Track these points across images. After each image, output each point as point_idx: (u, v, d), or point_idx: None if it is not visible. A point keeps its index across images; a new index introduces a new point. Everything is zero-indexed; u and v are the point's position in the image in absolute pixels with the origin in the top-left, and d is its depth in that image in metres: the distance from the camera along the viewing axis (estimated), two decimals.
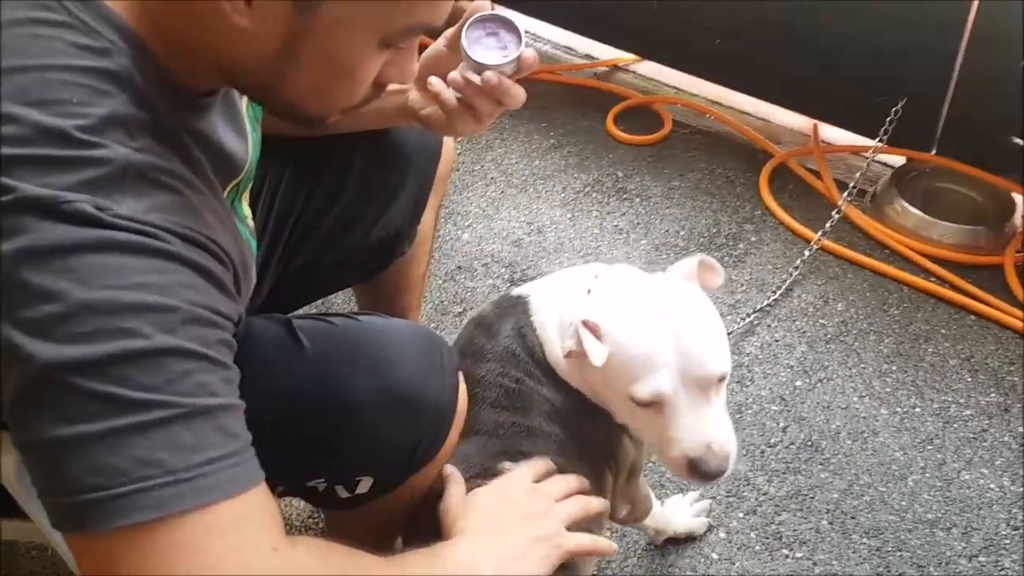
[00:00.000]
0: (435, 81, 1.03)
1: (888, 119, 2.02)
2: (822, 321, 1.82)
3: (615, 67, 2.62)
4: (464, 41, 0.99)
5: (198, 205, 0.74)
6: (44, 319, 0.64)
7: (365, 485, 0.97)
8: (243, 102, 0.94)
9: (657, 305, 1.01)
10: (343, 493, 0.98)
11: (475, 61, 0.99)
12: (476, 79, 1.00)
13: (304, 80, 0.76)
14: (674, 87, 2.53)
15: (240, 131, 0.91)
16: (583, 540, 1.00)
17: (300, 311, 1.27)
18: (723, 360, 1.01)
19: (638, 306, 1.02)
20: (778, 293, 1.85)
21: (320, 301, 1.45)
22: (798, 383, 1.70)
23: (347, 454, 0.94)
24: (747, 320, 1.80)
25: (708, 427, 1.00)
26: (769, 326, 1.81)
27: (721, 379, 1.00)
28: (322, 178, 1.19)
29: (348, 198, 1.19)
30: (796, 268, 1.89)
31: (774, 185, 2.16)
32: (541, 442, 1.08)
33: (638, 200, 2.14)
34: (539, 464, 1.04)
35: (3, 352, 0.66)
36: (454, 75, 1.01)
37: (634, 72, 2.60)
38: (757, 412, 1.65)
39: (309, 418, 0.93)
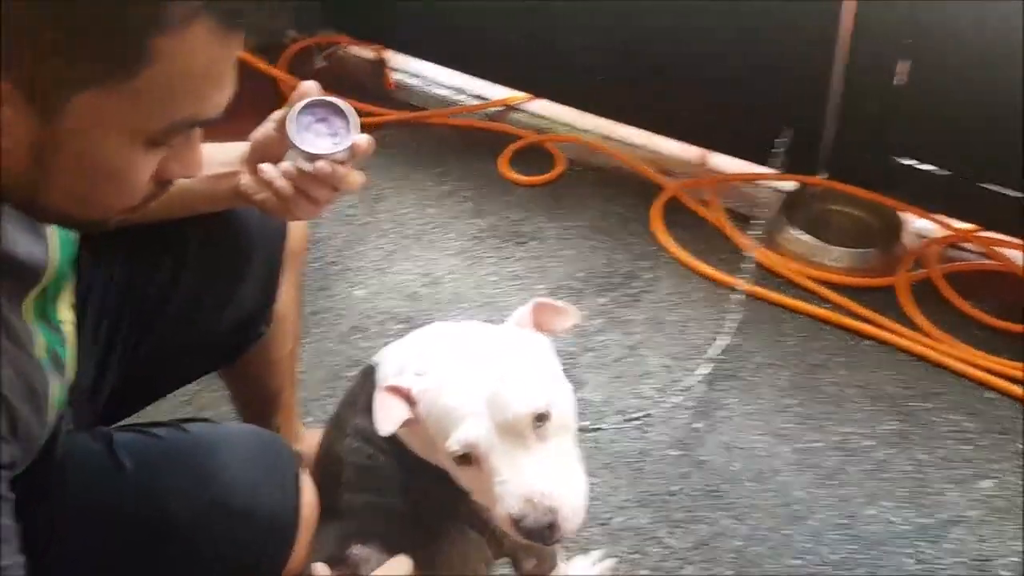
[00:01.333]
0: (267, 168, 0.98)
1: (775, 146, 2.02)
2: (719, 358, 1.80)
3: (507, 107, 2.59)
4: (292, 129, 0.95)
5: None
6: None
7: None
8: None
9: (470, 355, 0.97)
10: None
11: (305, 151, 0.94)
12: (309, 167, 0.95)
13: (64, 188, 0.71)
14: (568, 124, 2.51)
15: (36, 232, 0.84)
16: None
17: (128, 421, 1.17)
18: (532, 398, 0.92)
19: (454, 359, 0.98)
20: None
21: (184, 389, 1.37)
22: (697, 425, 1.67)
23: None
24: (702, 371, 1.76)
25: (527, 478, 0.90)
26: (667, 368, 1.78)
27: (538, 419, 0.92)
28: (160, 266, 1.12)
29: (188, 284, 1.12)
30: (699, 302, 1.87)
31: (667, 219, 2.14)
32: (396, 520, 1.04)
33: (534, 243, 2.11)
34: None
35: None
36: (286, 165, 0.97)
37: (527, 111, 2.58)
38: (658, 459, 1.61)
39: (136, 542, 0.86)
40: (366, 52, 2.76)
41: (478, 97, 2.64)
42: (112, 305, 1.10)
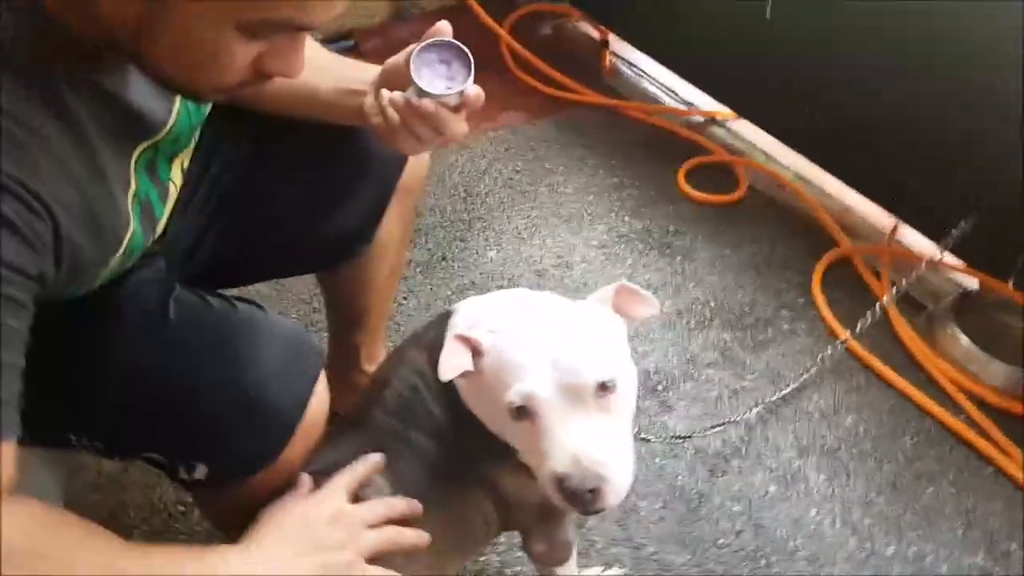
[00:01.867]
0: (384, 94, 1.01)
1: (957, 231, 1.85)
2: (824, 431, 1.69)
3: (711, 119, 2.52)
4: (413, 63, 0.98)
5: (34, 151, 0.74)
6: None
7: (201, 472, 0.96)
8: None
9: (544, 318, 0.99)
10: (183, 474, 0.97)
11: (417, 86, 0.97)
12: (416, 102, 0.98)
13: (166, 56, 0.77)
14: (764, 153, 2.41)
15: (165, 93, 0.92)
16: (380, 538, 0.96)
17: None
18: (600, 366, 0.93)
19: (525, 319, 0.99)
20: (787, 389, 1.73)
21: (275, 282, 1.45)
22: (772, 488, 1.58)
23: (176, 437, 0.94)
24: (752, 410, 1.68)
25: (579, 439, 0.91)
26: (765, 421, 1.70)
27: (602, 387, 0.93)
28: (280, 160, 1.18)
29: (302, 185, 1.19)
30: (819, 363, 1.76)
31: (829, 277, 2.02)
32: (413, 456, 1.06)
33: (680, 259, 2.05)
34: (363, 471, 1.01)
35: None
36: (397, 95, 0.99)
37: (728, 128, 2.50)
38: (717, 507, 1.54)
39: (152, 390, 0.92)
40: (592, 31, 2.77)
41: (685, 103, 2.58)
42: (226, 183, 1.18)
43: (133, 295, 0.98)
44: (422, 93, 0.97)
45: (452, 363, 0.96)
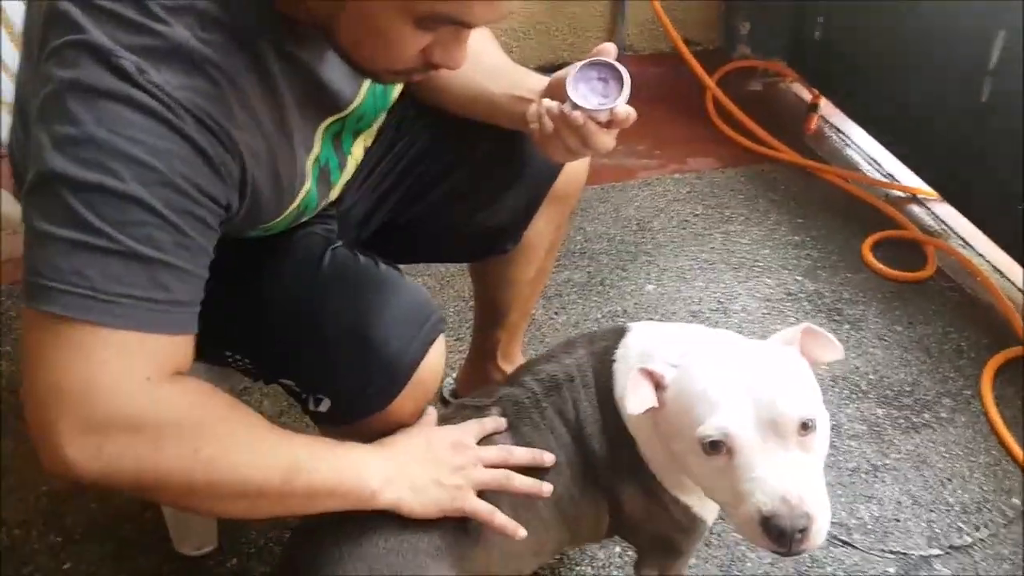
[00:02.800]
0: (544, 102, 1.07)
1: None
2: (960, 525, 1.58)
3: (911, 196, 2.43)
4: (571, 78, 1.04)
5: (233, 102, 0.87)
6: (63, 136, 0.81)
7: (324, 405, 1.07)
8: None
9: (735, 355, 0.99)
10: (310, 405, 1.08)
11: (570, 99, 1.03)
12: (568, 113, 1.04)
13: (349, 30, 0.87)
14: (961, 238, 2.29)
15: (356, 78, 1.04)
16: (481, 506, 1.03)
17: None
18: (804, 403, 0.92)
19: (715, 355, 0.99)
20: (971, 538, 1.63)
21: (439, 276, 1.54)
22: (891, 570, 1.50)
23: (308, 368, 1.05)
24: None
25: (786, 478, 0.89)
26: (897, 506, 1.61)
27: (804, 426, 0.91)
28: (449, 153, 1.28)
29: (462, 177, 1.28)
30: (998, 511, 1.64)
31: (1003, 374, 1.89)
32: (542, 429, 1.12)
33: (848, 327, 1.99)
34: (490, 424, 1.09)
35: (33, 148, 0.83)
36: (554, 104, 1.05)
37: (928, 208, 2.40)
38: None
39: (294, 323, 1.04)
40: (804, 93, 2.74)
41: (887, 175, 2.50)
42: (400, 167, 1.30)
43: (299, 241, 1.11)
44: (575, 106, 1.03)
45: (639, 397, 0.97)
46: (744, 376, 0.93)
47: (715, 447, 0.92)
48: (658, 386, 0.99)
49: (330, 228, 1.19)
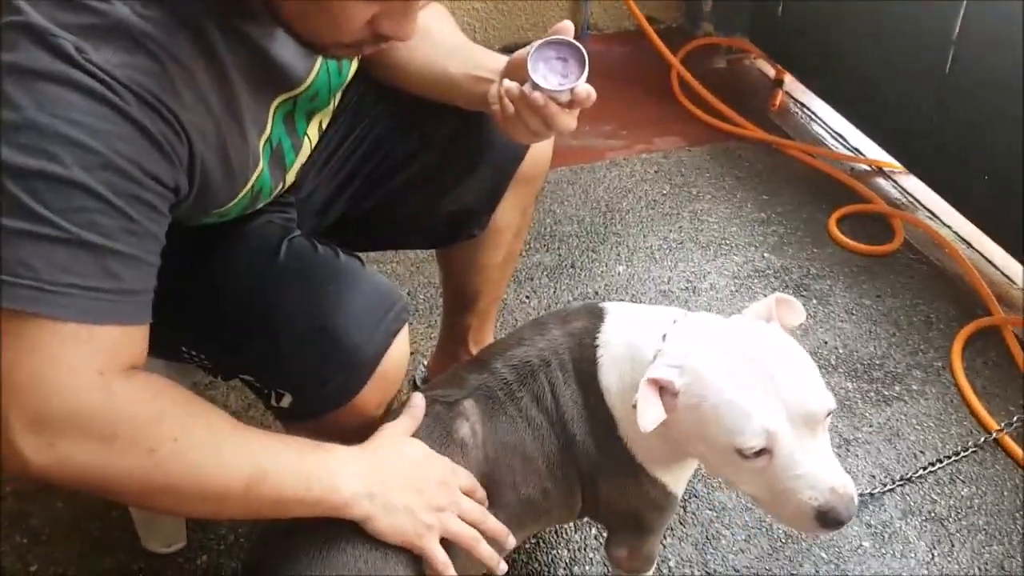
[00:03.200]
0: (505, 83, 1.05)
1: None
2: (935, 496, 1.59)
3: (877, 169, 2.44)
4: (531, 57, 1.02)
5: (177, 80, 0.83)
6: (3, 122, 0.77)
7: (286, 401, 1.04)
8: None
9: (743, 349, 0.97)
10: (273, 401, 1.05)
11: (531, 79, 1.01)
12: (528, 94, 1.02)
13: (296, 10, 0.85)
14: (928, 210, 2.31)
15: (308, 55, 1.01)
16: (439, 555, 0.99)
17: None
18: (826, 393, 0.96)
19: (723, 351, 0.98)
20: (927, 471, 1.63)
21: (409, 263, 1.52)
22: (866, 543, 1.51)
23: (264, 362, 1.02)
24: (886, 488, 1.60)
25: (828, 470, 0.94)
26: (871, 477, 1.62)
27: (827, 416, 0.95)
28: (410, 136, 1.26)
29: (425, 162, 1.25)
30: (963, 452, 1.66)
31: (973, 344, 1.90)
32: (515, 418, 1.10)
33: (815, 302, 1.99)
34: (470, 483, 1.05)
35: None
36: (513, 85, 1.03)
37: (894, 181, 2.41)
38: (804, 550, 1.49)
39: (250, 316, 1.01)
40: (768, 69, 2.74)
41: (852, 149, 2.51)
42: (360, 152, 1.27)
43: (255, 231, 1.08)
44: (534, 86, 1.02)
45: (652, 414, 0.95)
46: (763, 376, 0.94)
47: (758, 453, 0.93)
48: (663, 390, 0.98)
49: (289, 217, 1.16)
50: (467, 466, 1.06)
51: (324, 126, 1.15)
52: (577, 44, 1.02)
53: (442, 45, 1.15)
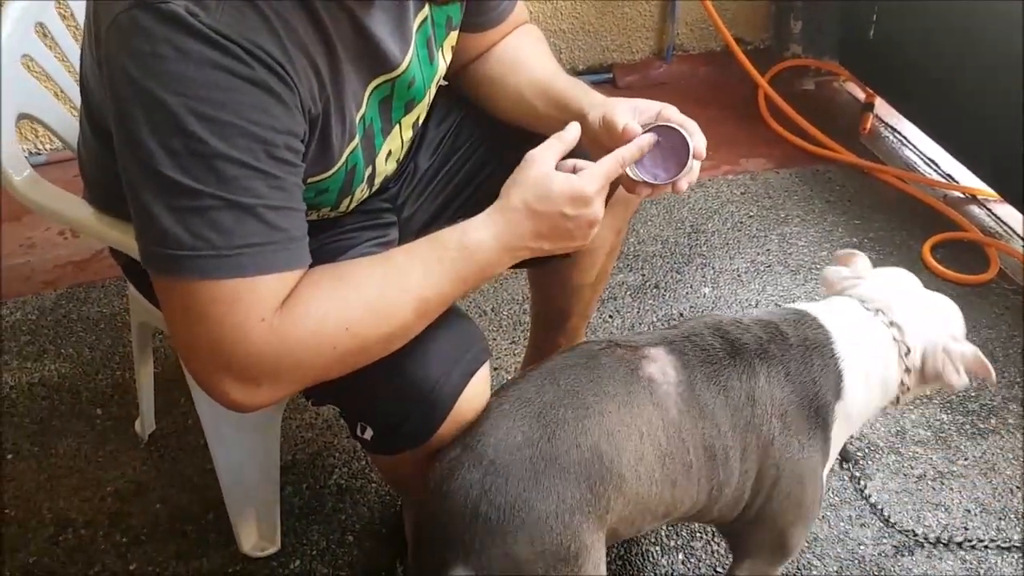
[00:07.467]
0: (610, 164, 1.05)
1: None
2: None
3: (971, 197, 2.38)
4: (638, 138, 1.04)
5: (287, 40, 0.86)
6: (142, 108, 0.82)
7: (368, 433, 1.05)
8: (416, 21, 1.06)
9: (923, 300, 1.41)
10: (357, 431, 1.07)
11: (634, 168, 1.05)
12: (628, 174, 1.05)
13: None
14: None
15: (403, 39, 1.04)
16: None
17: None
18: None
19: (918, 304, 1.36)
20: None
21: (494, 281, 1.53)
22: None
23: (353, 398, 1.04)
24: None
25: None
26: (966, 512, 1.57)
27: None
28: (509, 159, 1.26)
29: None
30: None
31: None
32: (713, 393, 1.11)
33: None
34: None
35: (117, 136, 0.85)
36: (615, 161, 1.04)
37: (989, 210, 2.34)
38: None
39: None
40: (858, 92, 2.70)
41: (945, 176, 2.45)
42: (462, 175, 1.29)
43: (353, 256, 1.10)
44: (634, 174, 1.05)
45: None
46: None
47: None
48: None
49: (391, 240, 1.18)
50: (656, 403, 1.07)
51: (419, 123, 1.17)
52: (684, 137, 1.04)
53: (533, 84, 1.19)
